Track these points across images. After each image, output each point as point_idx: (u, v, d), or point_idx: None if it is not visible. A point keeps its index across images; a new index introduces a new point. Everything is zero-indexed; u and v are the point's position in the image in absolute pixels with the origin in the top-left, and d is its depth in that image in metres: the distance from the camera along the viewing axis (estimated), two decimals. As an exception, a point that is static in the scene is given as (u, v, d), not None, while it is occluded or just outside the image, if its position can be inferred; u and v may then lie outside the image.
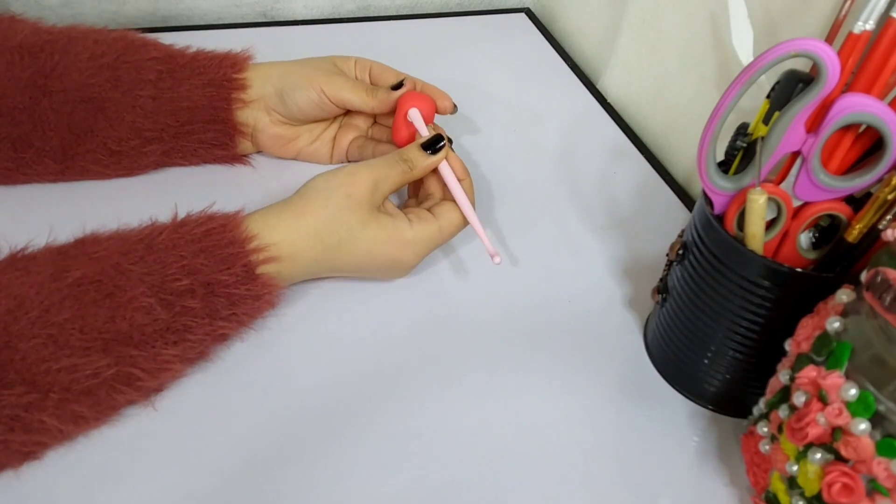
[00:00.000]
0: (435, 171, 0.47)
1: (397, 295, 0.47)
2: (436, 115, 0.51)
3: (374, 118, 0.55)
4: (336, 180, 0.42)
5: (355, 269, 0.44)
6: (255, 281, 0.39)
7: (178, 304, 0.37)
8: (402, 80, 0.50)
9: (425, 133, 0.47)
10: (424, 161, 0.45)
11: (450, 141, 0.47)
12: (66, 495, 0.35)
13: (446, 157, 0.46)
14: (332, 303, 0.46)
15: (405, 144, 0.48)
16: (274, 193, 0.46)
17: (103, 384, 0.35)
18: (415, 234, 0.43)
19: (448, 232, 0.45)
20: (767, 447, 0.34)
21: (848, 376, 0.29)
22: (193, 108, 0.49)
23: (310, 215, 0.41)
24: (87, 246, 0.37)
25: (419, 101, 0.49)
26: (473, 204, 0.47)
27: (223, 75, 0.50)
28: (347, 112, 0.54)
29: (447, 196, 0.47)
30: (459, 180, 0.46)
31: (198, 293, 0.38)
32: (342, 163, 0.55)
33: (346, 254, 0.42)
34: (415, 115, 0.48)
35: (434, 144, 0.46)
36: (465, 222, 0.46)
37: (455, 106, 0.52)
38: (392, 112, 0.50)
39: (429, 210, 0.46)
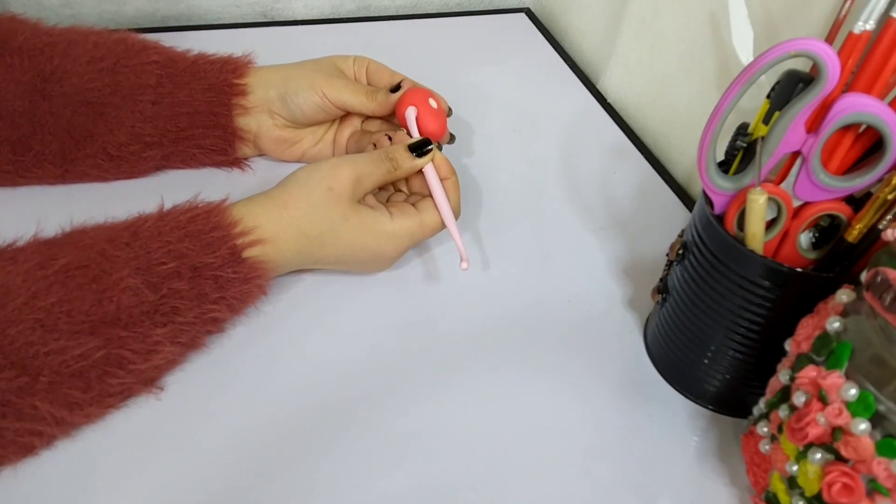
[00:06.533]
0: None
1: (397, 294, 0.47)
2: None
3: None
4: (318, 173, 0.43)
5: (338, 261, 0.45)
6: (242, 264, 0.40)
7: (165, 287, 0.37)
8: (400, 83, 0.50)
9: (416, 134, 0.48)
10: (409, 162, 0.46)
11: (453, 138, 0.47)
12: (64, 492, 0.35)
13: (432, 158, 0.46)
14: (333, 298, 0.46)
15: None
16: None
17: (94, 367, 0.35)
18: (395, 228, 0.44)
19: (430, 228, 0.45)
20: (767, 447, 0.34)
21: (848, 376, 0.29)
22: (193, 114, 0.49)
23: (292, 208, 0.42)
24: (74, 236, 0.38)
25: (417, 97, 0.48)
26: (459, 202, 0.47)
27: (224, 80, 0.50)
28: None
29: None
30: (444, 179, 0.46)
31: (184, 276, 0.38)
32: None
33: (327, 246, 0.43)
34: (409, 115, 0.48)
35: (421, 147, 0.46)
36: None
37: (450, 109, 0.52)
38: (390, 115, 0.51)
39: (413, 205, 0.46)
